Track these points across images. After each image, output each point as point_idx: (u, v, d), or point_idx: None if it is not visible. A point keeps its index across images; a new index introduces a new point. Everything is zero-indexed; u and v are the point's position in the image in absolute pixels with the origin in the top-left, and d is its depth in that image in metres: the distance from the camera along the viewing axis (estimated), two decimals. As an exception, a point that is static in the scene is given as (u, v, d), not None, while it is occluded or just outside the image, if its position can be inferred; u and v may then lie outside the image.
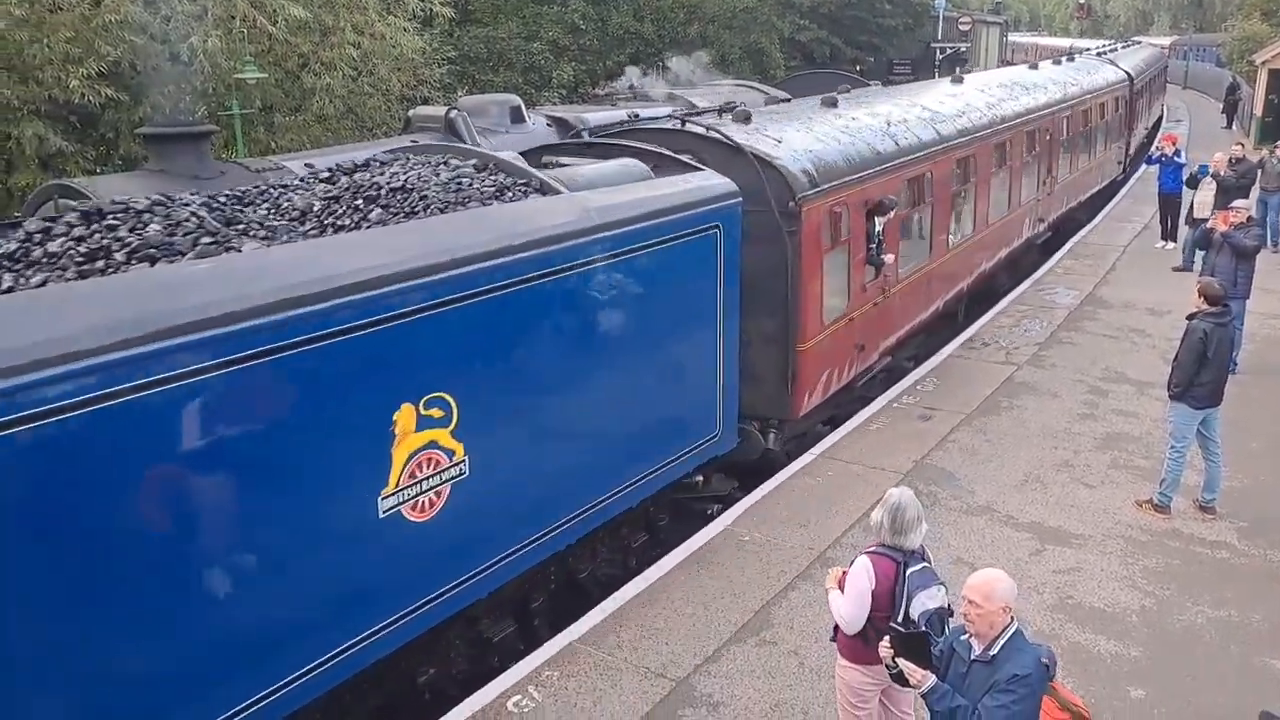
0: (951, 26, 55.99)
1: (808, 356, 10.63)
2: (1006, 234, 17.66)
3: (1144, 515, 9.59)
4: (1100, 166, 25.20)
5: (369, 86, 21.38)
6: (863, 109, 13.91)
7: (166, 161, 8.83)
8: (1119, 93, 26.60)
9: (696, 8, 36.78)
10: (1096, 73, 25.56)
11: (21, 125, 15.69)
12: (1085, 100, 22.51)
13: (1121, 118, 27.31)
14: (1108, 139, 25.71)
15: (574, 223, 7.61)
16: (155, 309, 5.15)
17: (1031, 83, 20.32)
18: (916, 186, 13.35)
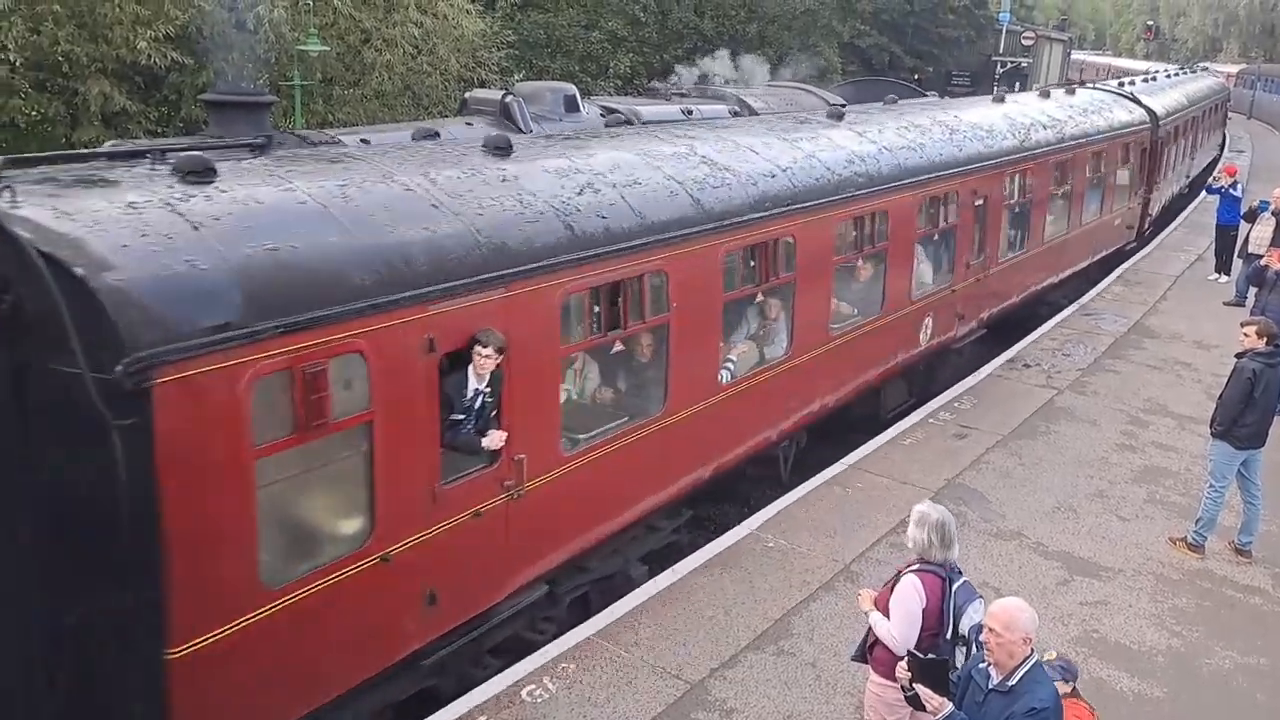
0: (1014, 40, 55.40)
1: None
2: (863, 354, 11.68)
3: (1177, 553, 9.46)
4: (1093, 235, 19.27)
5: (428, 65, 21.52)
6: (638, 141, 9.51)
7: (226, 128, 8.92)
8: (1134, 138, 20.75)
9: (757, 6, 36.64)
10: (1102, 112, 19.55)
11: (89, 83, 15.95)
12: (1065, 149, 16.87)
13: (1137, 170, 21.41)
14: (1109, 198, 19.79)
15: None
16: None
17: (986, 125, 14.85)
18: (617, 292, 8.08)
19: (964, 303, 14.12)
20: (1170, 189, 26.34)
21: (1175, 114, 24.95)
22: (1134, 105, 21.65)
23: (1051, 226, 17.15)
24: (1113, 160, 19.48)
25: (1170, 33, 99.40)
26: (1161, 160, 23.17)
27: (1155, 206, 24.08)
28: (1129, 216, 21.68)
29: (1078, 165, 17.55)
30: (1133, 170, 21.07)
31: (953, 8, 47.86)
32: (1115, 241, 21.13)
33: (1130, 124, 20.55)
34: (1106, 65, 68.82)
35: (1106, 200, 19.67)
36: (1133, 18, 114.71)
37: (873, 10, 44.42)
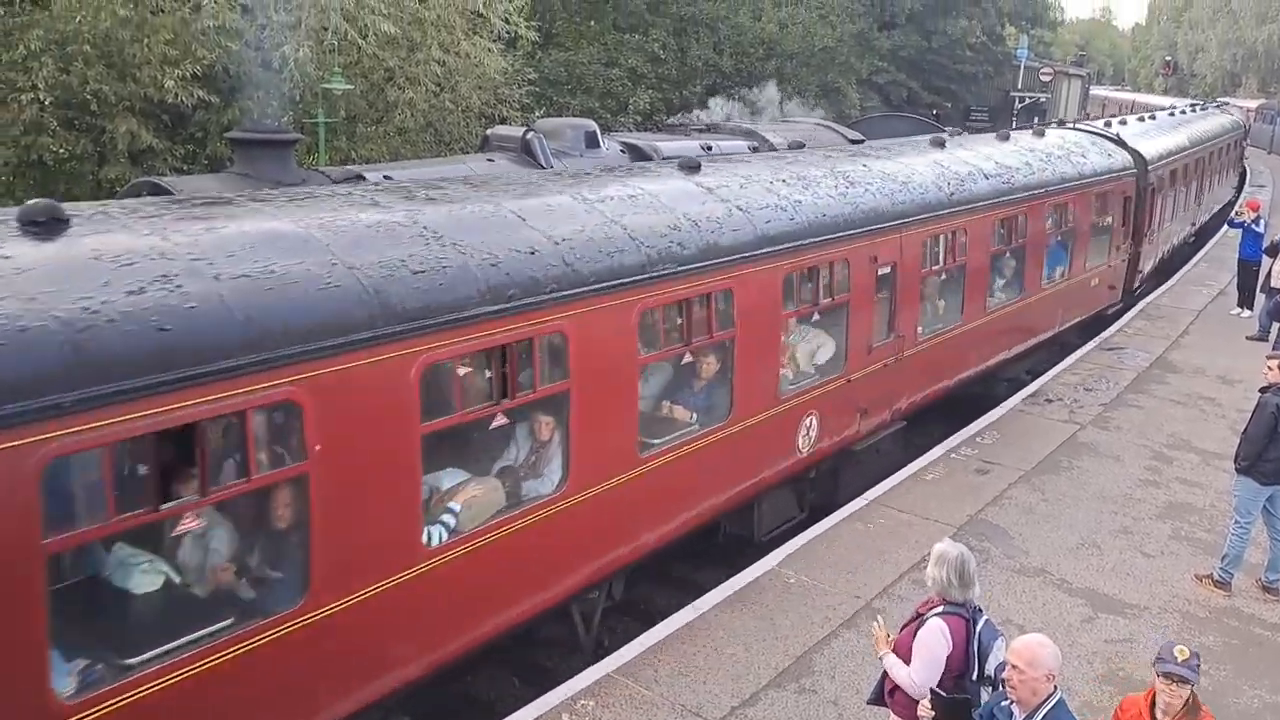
0: (1032, 76, 55.60)
1: None
2: (702, 474, 9.05)
3: (1203, 590, 9.35)
4: (1061, 299, 16.44)
5: (450, 102, 21.77)
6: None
7: (251, 165, 9.07)
8: (1113, 186, 17.86)
9: (776, 44, 36.94)
10: (1071, 158, 16.66)
11: (117, 121, 16.21)
12: (1015, 201, 14.18)
13: (1119, 222, 18.53)
14: (1081, 256, 16.94)
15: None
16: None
17: (904, 175, 12.26)
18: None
19: (867, 394, 11.35)
20: (1167, 241, 23.28)
21: (1170, 158, 21.89)
22: (1116, 148, 18.72)
23: (1000, 293, 14.60)
24: (1085, 212, 16.67)
25: (1189, 68, 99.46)
26: (1152, 210, 19.91)
27: (1146, 262, 20.95)
28: (1110, 275, 18.69)
29: (1036, 219, 14.87)
30: (1113, 222, 18.25)
31: (971, 44, 48.08)
32: (1093, 304, 18.18)
33: (1109, 170, 17.63)
34: (1130, 100, 63.47)
35: (1078, 258, 16.76)
36: (1151, 53, 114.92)
37: (891, 47, 44.67)
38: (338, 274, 6.10)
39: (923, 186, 12.31)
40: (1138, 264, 20.05)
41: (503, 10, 21.92)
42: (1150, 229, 20.25)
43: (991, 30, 51.16)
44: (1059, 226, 16.03)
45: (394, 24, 18.95)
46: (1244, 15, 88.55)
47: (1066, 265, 16.50)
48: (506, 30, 22.54)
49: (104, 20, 15.89)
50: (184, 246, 5.78)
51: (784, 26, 38.40)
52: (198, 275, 5.60)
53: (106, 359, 5.02)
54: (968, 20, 47.32)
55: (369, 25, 18.49)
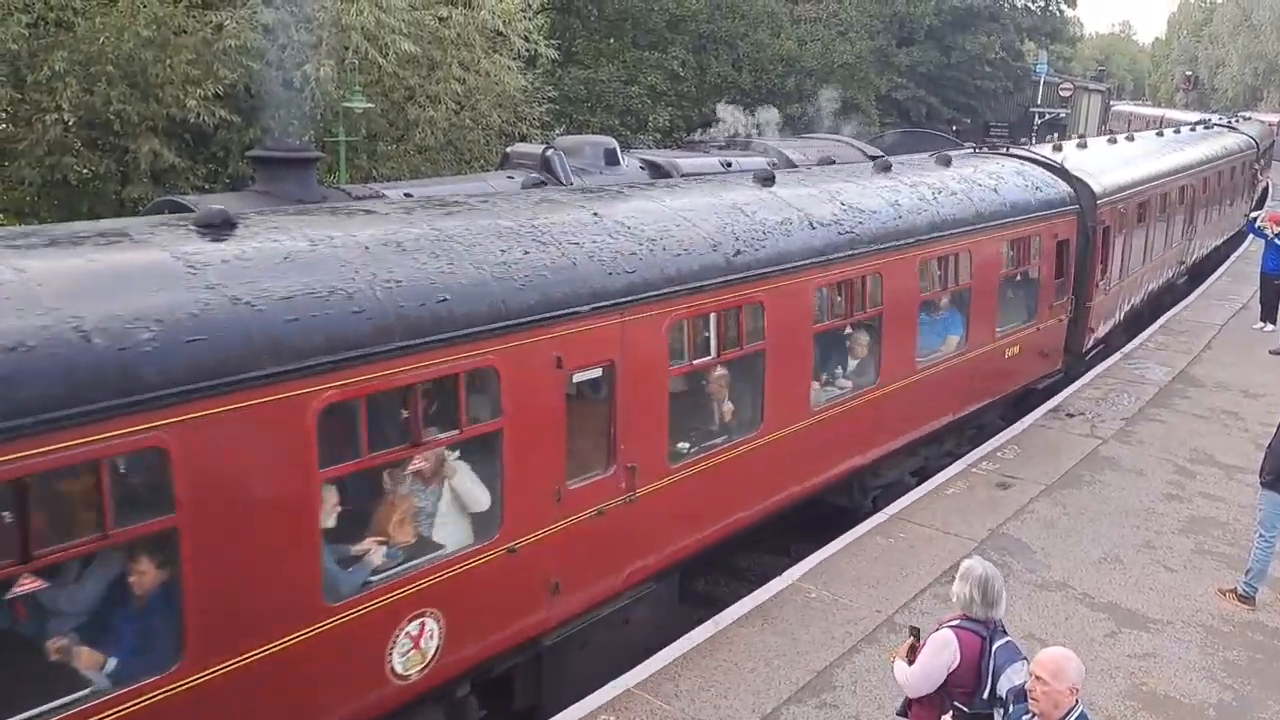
0: (1052, 92, 55.49)
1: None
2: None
3: (1227, 605, 9.26)
4: (957, 378, 12.43)
5: (470, 121, 21.91)
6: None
7: (273, 184, 9.15)
8: (1041, 229, 13.85)
9: (795, 61, 37.04)
10: (975, 194, 12.74)
11: (139, 141, 16.39)
12: (859, 257, 10.28)
13: (1047, 272, 14.24)
14: (987, 321, 12.90)
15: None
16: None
17: (652, 226, 8.54)
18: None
19: (557, 563, 7.46)
20: (1138, 290, 19.11)
21: (1133, 189, 17.44)
22: (1052, 180, 14.72)
23: (837, 385, 10.70)
24: (990, 263, 12.71)
25: (1209, 82, 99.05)
26: (1105, 255, 16.02)
27: (1101, 320, 16.82)
28: (1042, 340, 14.48)
29: (899, 278, 10.96)
30: (1042, 273, 14.10)
31: (990, 60, 48.05)
32: (1014, 379, 14.03)
33: (1034, 208, 13.69)
34: (1158, 116, 57.73)
35: (982, 323, 12.73)
36: (1171, 68, 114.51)
37: (910, 63, 44.70)
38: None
39: (688, 245, 8.47)
40: (1086, 322, 15.87)
41: (523, 28, 22.07)
42: (1104, 278, 16.23)
43: (1011, 46, 51.12)
44: (943, 285, 12.10)
45: (414, 43, 19.11)
46: (1265, 29, 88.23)
47: (962, 334, 12.41)
48: (526, 48, 22.68)
49: (127, 41, 16.11)
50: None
51: (803, 43, 38.52)
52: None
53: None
54: (987, 36, 47.31)
55: (389, 44, 18.65)
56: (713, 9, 35.01)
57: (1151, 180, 18.84)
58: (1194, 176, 22.54)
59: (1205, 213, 24.51)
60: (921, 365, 11.67)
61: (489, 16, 21.12)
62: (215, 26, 17.11)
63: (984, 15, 47.19)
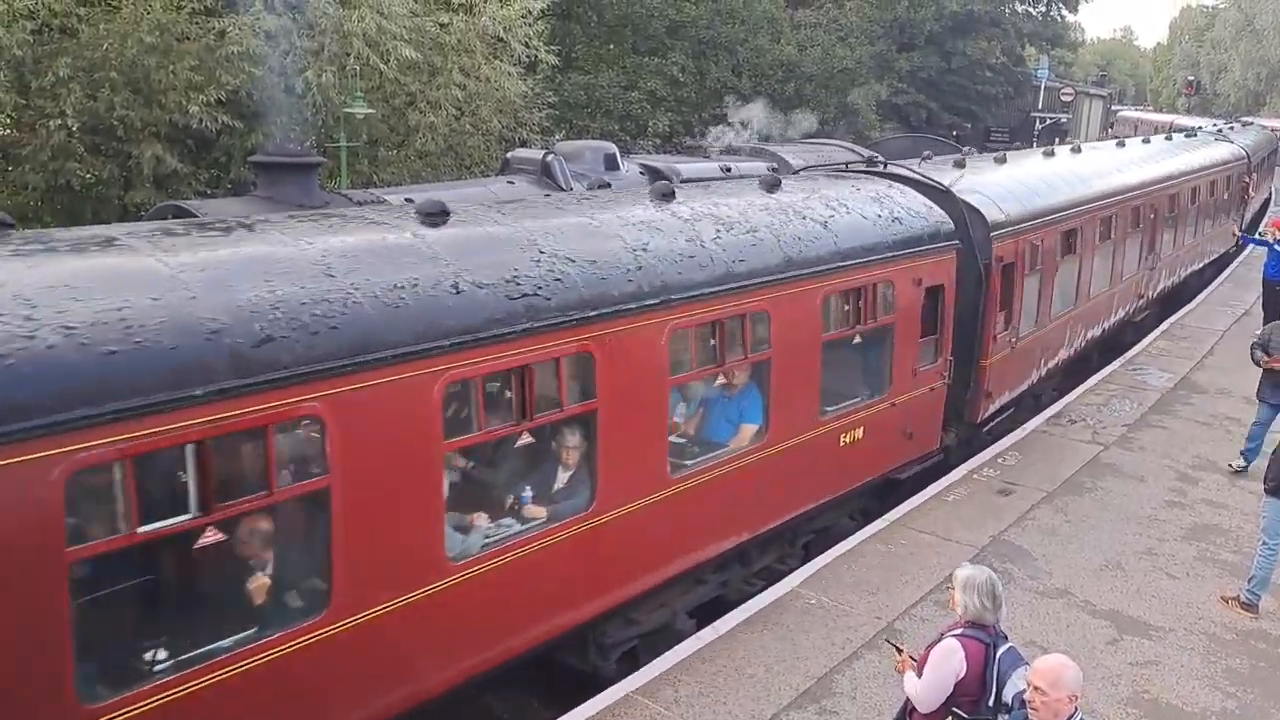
0: (1053, 97, 55.51)
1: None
2: None
3: (1229, 612, 9.24)
4: (758, 480, 9.25)
5: (470, 126, 21.93)
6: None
7: (275, 188, 9.20)
8: (892, 272, 10.57)
9: (795, 66, 37.05)
10: (795, 227, 9.76)
11: (142, 146, 16.43)
12: (561, 326, 7.20)
13: (906, 329, 11.07)
14: (801, 400, 9.72)
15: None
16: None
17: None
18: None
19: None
20: (1067, 344, 15.78)
21: (1054, 215, 14.25)
22: (926, 207, 11.67)
23: (499, 524, 7.34)
24: (801, 327, 9.47)
25: (1211, 88, 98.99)
26: (1005, 302, 12.92)
27: (1003, 383, 13.44)
28: (906, 416, 11.27)
29: (630, 358, 7.71)
30: (897, 332, 10.86)
31: (991, 65, 48.06)
32: (865, 469, 10.88)
33: (890, 246, 10.56)
34: (1168, 122, 53.52)
35: (791, 407, 9.49)
36: (1173, 73, 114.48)
37: (910, 68, 44.71)
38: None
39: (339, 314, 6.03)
40: (981, 385, 12.73)
41: (523, 35, 22.10)
42: (1008, 329, 13.08)
43: (1011, 51, 51.13)
44: (718, 358, 8.76)
45: (415, 49, 19.14)
46: (1267, 34, 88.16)
47: (761, 422, 9.16)
48: (527, 54, 22.71)
49: (131, 47, 16.15)
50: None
51: (803, 48, 38.53)
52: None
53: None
54: (987, 41, 47.31)
55: (390, 50, 18.69)
56: (713, 15, 35.03)
57: (1082, 203, 15.36)
58: (1155, 194, 19.23)
59: (1174, 236, 21.11)
60: (686, 472, 8.34)
61: (490, 23, 21.16)
62: (218, 33, 17.15)
63: (985, 20, 47.19)
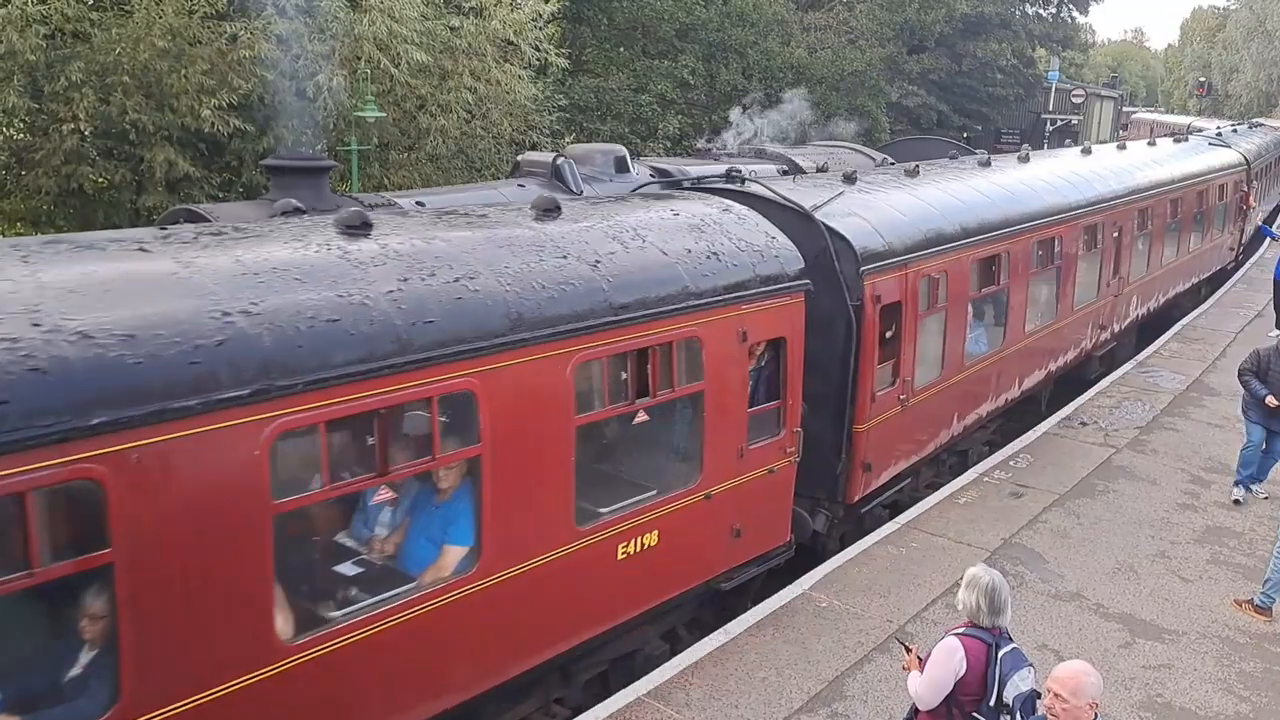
0: (1064, 98, 55.37)
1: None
2: None
3: (1243, 616, 9.21)
4: (509, 608, 6.99)
5: (481, 129, 21.98)
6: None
7: (286, 192, 9.21)
8: (714, 328, 8.25)
9: (805, 69, 37.01)
10: (533, 262, 7.33)
11: (154, 150, 16.50)
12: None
13: (741, 399, 8.67)
14: (542, 509, 7.11)
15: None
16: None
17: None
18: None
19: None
20: (985, 395, 13.02)
21: (963, 242, 11.76)
22: (769, 240, 9.16)
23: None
24: (529, 411, 6.95)
25: (1223, 89, 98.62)
26: (899, 349, 10.78)
27: (890, 451, 10.94)
28: (732, 510, 8.73)
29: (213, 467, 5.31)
30: (707, 406, 8.32)
31: (1001, 67, 47.91)
32: (656, 590, 8.27)
33: (681, 297, 8.00)
34: (1185, 124, 49.16)
35: (546, 513, 7.18)
36: (1184, 74, 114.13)
37: (920, 70, 44.61)
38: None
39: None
40: (856, 456, 10.18)
41: (533, 38, 22.13)
42: (895, 383, 10.68)
43: (1022, 53, 50.97)
44: (384, 458, 6.22)
45: (426, 52, 19.19)
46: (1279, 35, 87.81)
47: (473, 542, 6.72)
48: (537, 58, 22.74)
49: (143, 52, 16.22)
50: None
51: (813, 51, 38.49)
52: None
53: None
54: (998, 43, 47.18)
55: (401, 54, 18.73)
56: (722, 18, 35.02)
57: (1009, 225, 12.87)
58: (1120, 210, 16.69)
59: (1148, 256, 18.80)
60: (330, 629, 6.00)
61: (500, 26, 21.19)
62: (230, 37, 17.21)
63: (995, 22, 47.06)
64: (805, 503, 10.13)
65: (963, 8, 43.87)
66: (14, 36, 14.88)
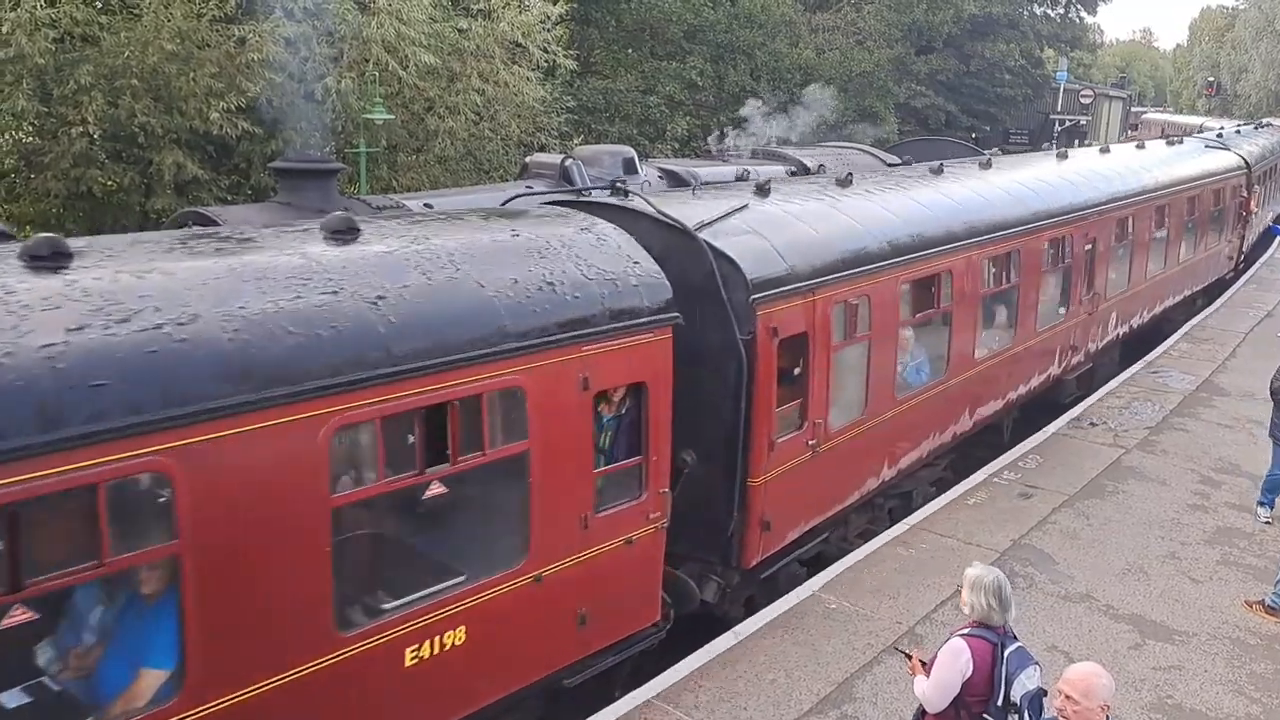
0: (1072, 99, 55.22)
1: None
2: None
3: (1254, 617, 9.17)
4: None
5: (489, 131, 21.99)
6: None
7: (295, 195, 9.22)
8: (540, 377, 6.83)
9: (813, 69, 36.98)
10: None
11: (163, 153, 16.53)
12: None
13: (581, 464, 7.28)
14: (297, 595, 5.67)
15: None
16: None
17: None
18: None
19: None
20: (927, 432, 11.72)
21: (889, 261, 10.42)
22: (630, 266, 7.83)
23: None
24: (280, 485, 5.63)
25: (1232, 89, 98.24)
26: (807, 387, 9.38)
27: (797, 510, 9.56)
28: (574, 591, 7.36)
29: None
30: (525, 471, 6.91)
31: (1009, 68, 47.80)
32: (463, 700, 6.83)
33: (535, 332, 6.85)
34: (1196, 125, 47.61)
35: (292, 620, 5.73)
36: (1193, 74, 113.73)
37: (929, 71, 44.54)
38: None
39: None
40: (752, 516, 8.86)
41: (541, 40, 22.14)
42: (803, 428, 9.34)
43: (1030, 53, 50.84)
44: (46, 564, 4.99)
45: (434, 55, 19.20)
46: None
47: (174, 664, 5.33)
48: (545, 59, 22.75)
49: (152, 55, 16.25)
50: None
51: (821, 52, 38.46)
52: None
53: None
54: (1006, 44, 47.08)
55: (410, 56, 18.75)
56: (730, 19, 35.02)
57: (948, 241, 11.48)
58: (1091, 221, 15.24)
59: (1129, 269, 17.43)
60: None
61: (508, 28, 21.20)
62: (238, 40, 17.23)
63: (1003, 23, 46.96)
64: (694, 567, 8.99)
65: (971, 8, 43.79)
66: (23, 40, 14.92)
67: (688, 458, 8.43)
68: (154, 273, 5.61)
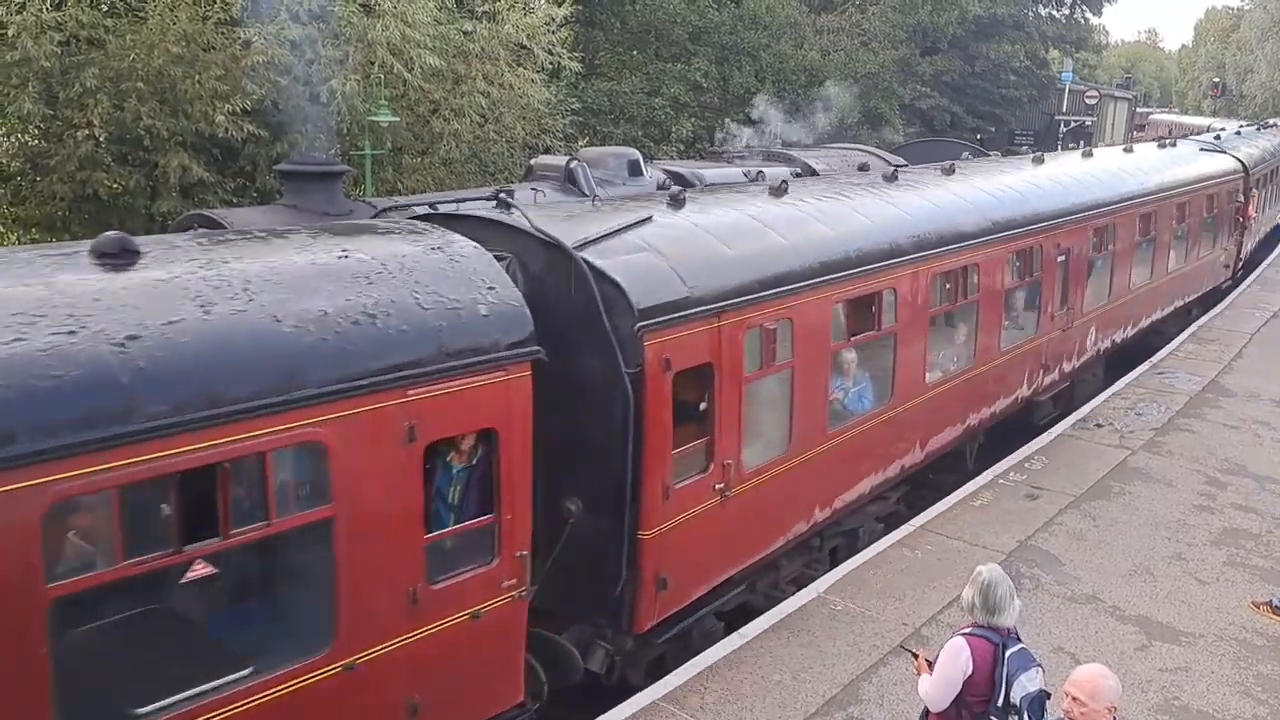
0: (1078, 99, 55.16)
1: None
2: None
3: (1260, 617, 9.15)
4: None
5: (494, 133, 22.00)
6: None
7: (300, 197, 9.27)
8: (349, 426, 5.80)
9: (817, 71, 36.96)
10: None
11: (168, 155, 16.56)
12: None
13: (412, 543, 6.22)
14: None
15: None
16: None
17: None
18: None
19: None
20: (877, 470, 10.90)
21: (810, 282, 9.35)
22: (482, 294, 6.70)
23: None
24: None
25: (1237, 89, 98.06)
26: (714, 427, 8.32)
27: (701, 566, 8.51)
28: (404, 678, 6.30)
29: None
30: (329, 545, 5.86)
31: (1014, 69, 47.77)
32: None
33: (350, 376, 5.82)
34: (1204, 125, 46.36)
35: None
36: (1198, 75, 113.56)
37: (933, 72, 44.51)
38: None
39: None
40: (645, 575, 7.91)
41: (546, 42, 22.14)
42: (708, 468, 8.33)
43: (1035, 54, 50.79)
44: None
45: (439, 57, 19.22)
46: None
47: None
48: (550, 61, 22.76)
49: (157, 58, 16.27)
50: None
51: (826, 54, 38.43)
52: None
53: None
54: (1011, 45, 47.05)
55: (415, 59, 18.77)
56: (735, 20, 35.02)
57: (889, 257, 10.42)
58: (1062, 232, 14.25)
59: (1109, 282, 16.51)
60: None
61: (513, 30, 21.21)
62: (243, 43, 17.26)
63: (1008, 24, 46.92)
64: (581, 633, 8.06)
65: (975, 9, 43.76)
66: (29, 43, 14.95)
67: (572, 507, 7.48)
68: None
